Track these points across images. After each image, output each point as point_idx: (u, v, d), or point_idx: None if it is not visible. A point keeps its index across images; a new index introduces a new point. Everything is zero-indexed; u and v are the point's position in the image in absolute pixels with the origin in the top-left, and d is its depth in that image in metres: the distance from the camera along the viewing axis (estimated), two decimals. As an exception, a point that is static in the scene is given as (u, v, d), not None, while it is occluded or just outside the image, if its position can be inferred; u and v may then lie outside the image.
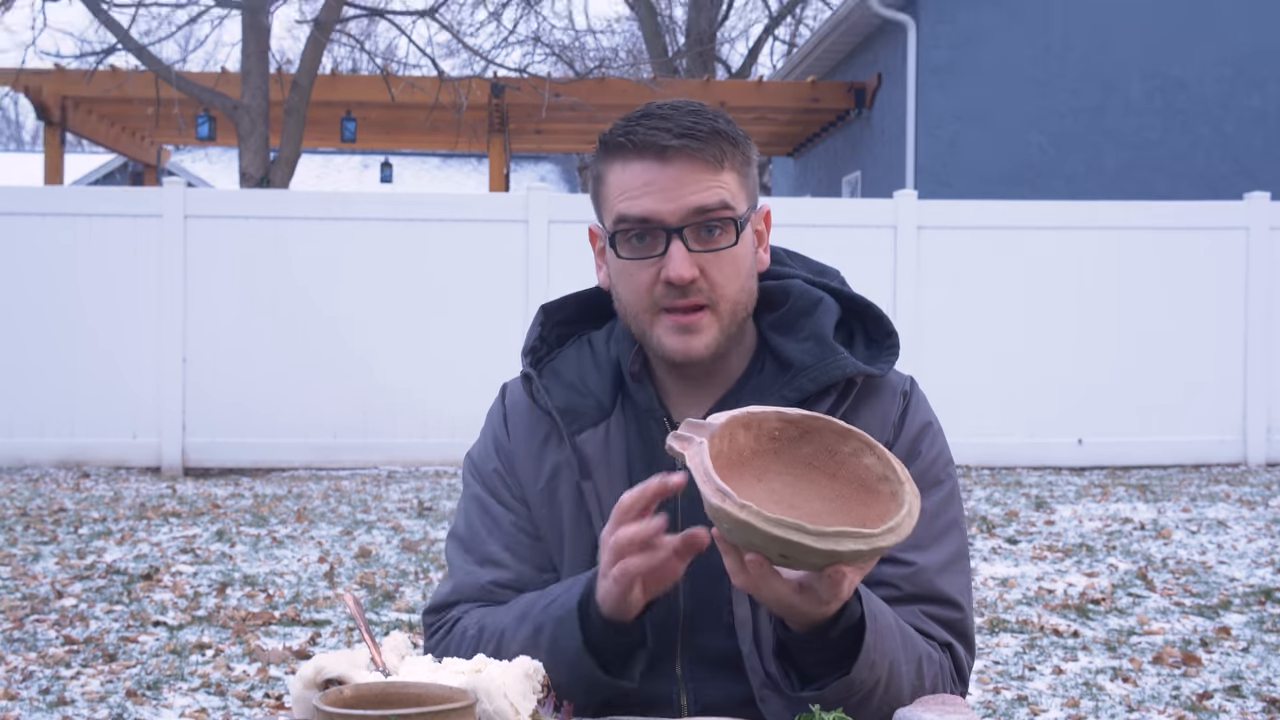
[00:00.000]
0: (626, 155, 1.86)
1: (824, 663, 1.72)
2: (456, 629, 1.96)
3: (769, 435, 1.66)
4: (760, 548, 1.53)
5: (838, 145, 19.88)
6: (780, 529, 1.49)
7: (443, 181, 32.87)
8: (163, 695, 5.11)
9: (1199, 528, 8.51)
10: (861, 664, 1.69)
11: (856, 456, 1.64)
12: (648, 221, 1.84)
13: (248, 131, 13.98)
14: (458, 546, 2.02)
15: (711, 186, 1.84)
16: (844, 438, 1.65)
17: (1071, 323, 11.60)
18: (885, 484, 1.61)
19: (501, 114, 17.99)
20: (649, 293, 1.87)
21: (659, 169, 1.83)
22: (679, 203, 1.83)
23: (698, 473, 1.55)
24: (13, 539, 8.01)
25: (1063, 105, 16.00)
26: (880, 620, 1.73)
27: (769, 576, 1.59)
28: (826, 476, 1.65)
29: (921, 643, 1.84)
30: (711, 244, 1.85)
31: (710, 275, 1.86)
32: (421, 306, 11.34)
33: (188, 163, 30.87)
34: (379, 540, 8.12)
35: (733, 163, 1.86)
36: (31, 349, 11.05)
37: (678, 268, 1.83)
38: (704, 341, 1.88)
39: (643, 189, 1.84)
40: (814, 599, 1.62)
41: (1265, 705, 5.07)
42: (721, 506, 1.51)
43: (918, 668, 1.80)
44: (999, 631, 6.11)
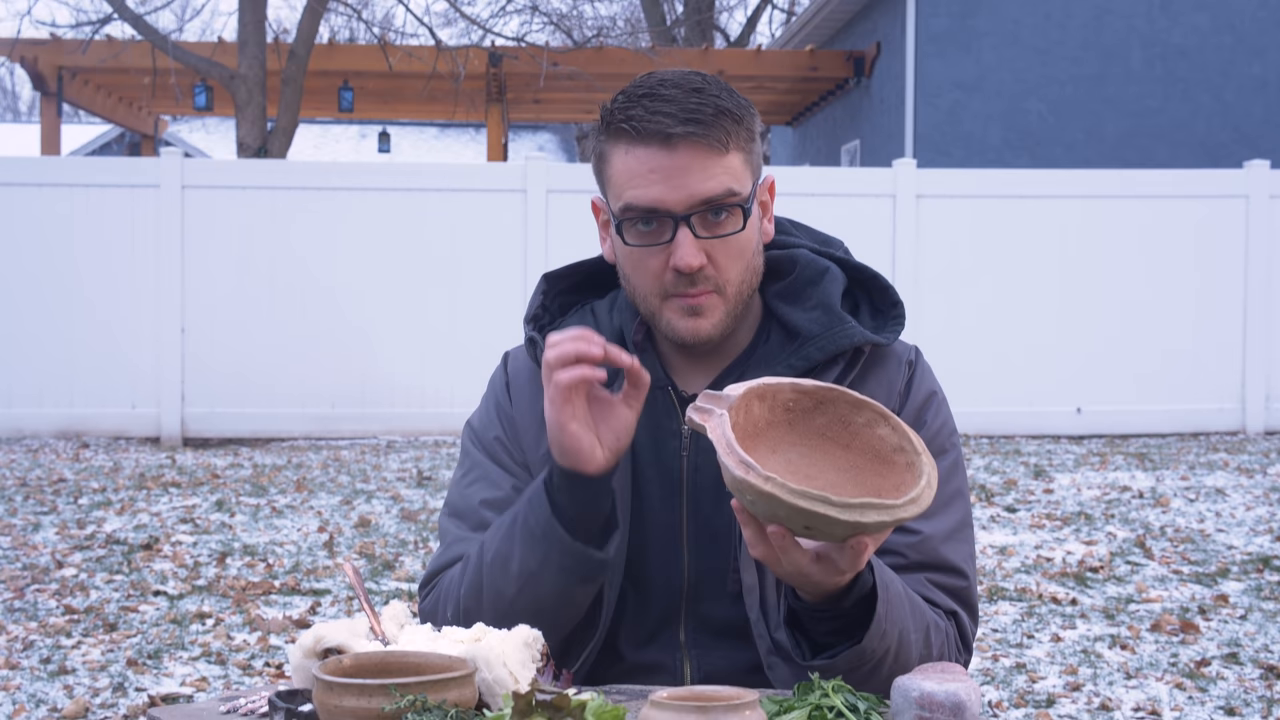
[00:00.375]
0: (630, 140, 1.84)
1: (836, 632, 1.73)
2: (444, 580, 1.97)
3: (783, 406, 1.66)
4: (784, 519, 1.53)
5: (837, 114, 19.83)
6: (805, 501, 1.49)
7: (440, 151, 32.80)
8: (163, 664, 5.12)
9: (1197, 496, 8.53)
10: (873, 633, 1.70)
11: (871, 427, 1.64)
12: (655, 210, 1.84)
13: (245, 101, 13.94)
14: (453, 517, 2.02)
15: (717, 173, 1.82)
16: (858, 408, 1.65)
17: (1070, 291, 11.58)
18: (900, 454, 1.61)
19: (499, 83, 17.94)
20: (658, 279, 1.87)
21: (664, 156, 1.82)
22: (685, 190, 1.82)
23: (720, 444, 1.55)
24: (13, 509, 8.02)
25: (1063, 73, 15.95)
26: (891, 589, 1.74)
27: (790, 548, 1.59)
28: (840, 447, 1.65)
29: (929, 611, 1.85)
30: (719, 229, 1.85)
31: (717, 260, 1.86)
32: (420, 276, 11.32)
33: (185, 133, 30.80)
34: (378, 510, 8.13)
35: (737, 141, 1.85)
36: (30, 320, 11.04)
37: (686, 256, 1.83)
38: (711, 322, 1.88)
39: (648, 176, 1.83)
40: (831, 569, 1.62)
41: (1263, 672, 5.09)
42: (745, 479, 1.50)
43: (926, 636, 1.81)
44: (998, 599, 6.13)
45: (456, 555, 1.97)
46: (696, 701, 1.36)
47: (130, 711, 4.59)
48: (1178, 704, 4.75)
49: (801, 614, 1.75)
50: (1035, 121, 15.95)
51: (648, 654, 1.93)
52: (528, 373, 2.03)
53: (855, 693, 1.55)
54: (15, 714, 4.56)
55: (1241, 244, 11.67)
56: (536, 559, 1.82)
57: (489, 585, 1.87)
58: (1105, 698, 4.81)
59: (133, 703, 4.68)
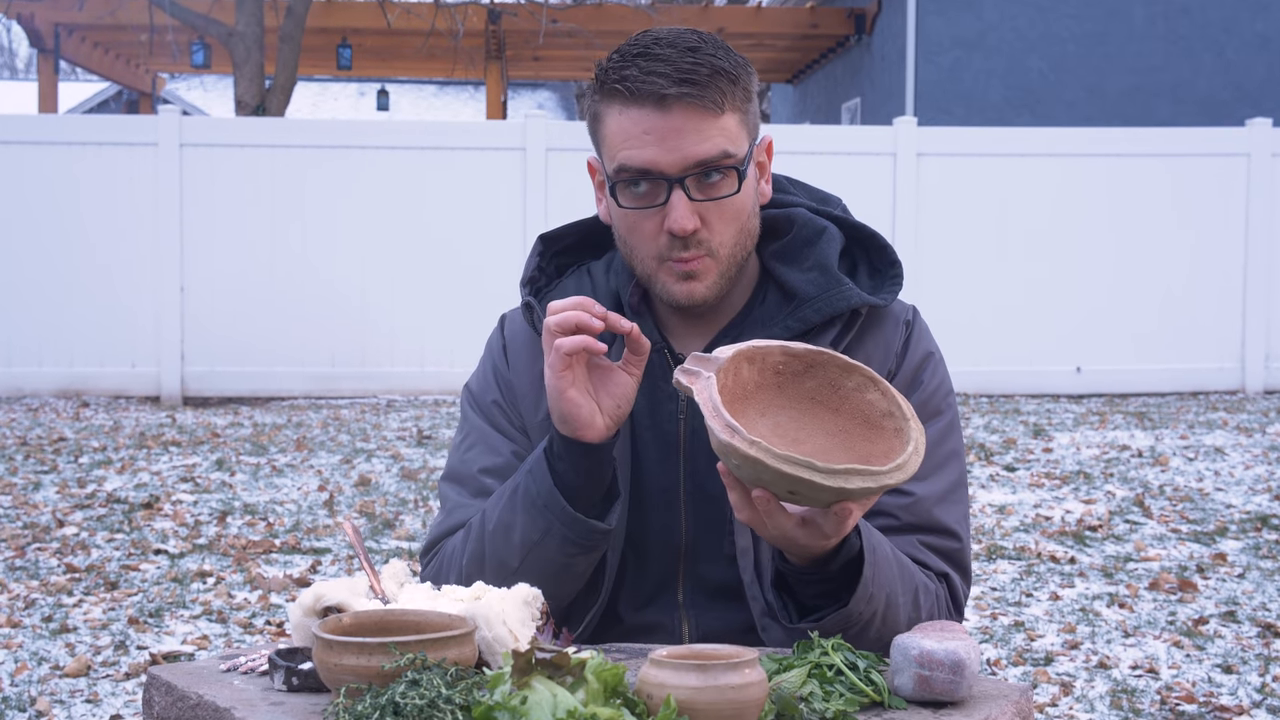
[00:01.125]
0: (624, 100, 1.82)
1: (822, 595, 1.74)
2: (446, 547, 1.97)
3: (773, 369, 1.65)
4: (768, 484, 1.53)
5: (837, 72, 19.75)
6: (789, 466, 1.49)
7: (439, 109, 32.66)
8: (164, 622, 5.14)
9: (1196, 455, 8.54)
10: (859, 596, 1.70)
11: (860, 392, 1.64)
12: (648, 172, 1.82)
13: (243, 59, 13.87)
14: (452, 482, 2.02)
15: (712, 135, 1.80)
16: (848, 372, 1.65)
17: (1070, 250, 11.56)
18: (889, 420, 1.61)
19: (498, 40, 17.86)
20: (653, 242, 1.85)
21: (659, 117, 1.80)
22: (680, 153, 1.80)
23: (706, 408, 1.54)
24: (13, 468, 8.03)
25: (1064, 30, 15.88)
26: (879, 553, 1.74)
27: (775, 512, 1.59)
28: (830, 411, 1.65)
29: (918, 574, 1.85)
30: (713, 191, 1.83)
31: (711, 223, 1.84)
32: (419, 234, 11.30)
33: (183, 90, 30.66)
34: (378, 469, 8.14)
35: (733, 102, 1.83)
36: (29, 279, 11.02)
37: (680, 219, 1.81)
38: (705, 285, 1.87)
39: (642, 138, 1.81)
40: (817, 533, 1.62)
41: (1260, 630, 5.11)
42: (730, 442, 1.50)
43: (914, 599, 1.81)
44: (996, 558, 6.15)
45: (457, 521, 1.97)
46: (696, 660, 1.36)
47: (132, 669, 4.61)
48: (1175, 662, 4.77)
49: (789, 576, 1.75)
50: (1036, 79, 15.89)
51: (647, 615, 1.94)
52: (524, 336, 2.02)
53: (855, 651, 1.56)
54: (17, 672, 4.58)
55: (1242, 203, 11.64)
56: (538, 529, 1.82)
57: (491, 554, 1.87)
58: (1103, 656, 4.83)
59: (134, 661, 4.70)
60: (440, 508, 2.03)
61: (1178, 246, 11.61)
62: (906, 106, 15.81)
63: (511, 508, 1.85)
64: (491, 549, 1.87)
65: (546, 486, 1.81)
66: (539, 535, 1.82)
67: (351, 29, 17.80)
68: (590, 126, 1.90)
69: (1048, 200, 11.56)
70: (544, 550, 1.82)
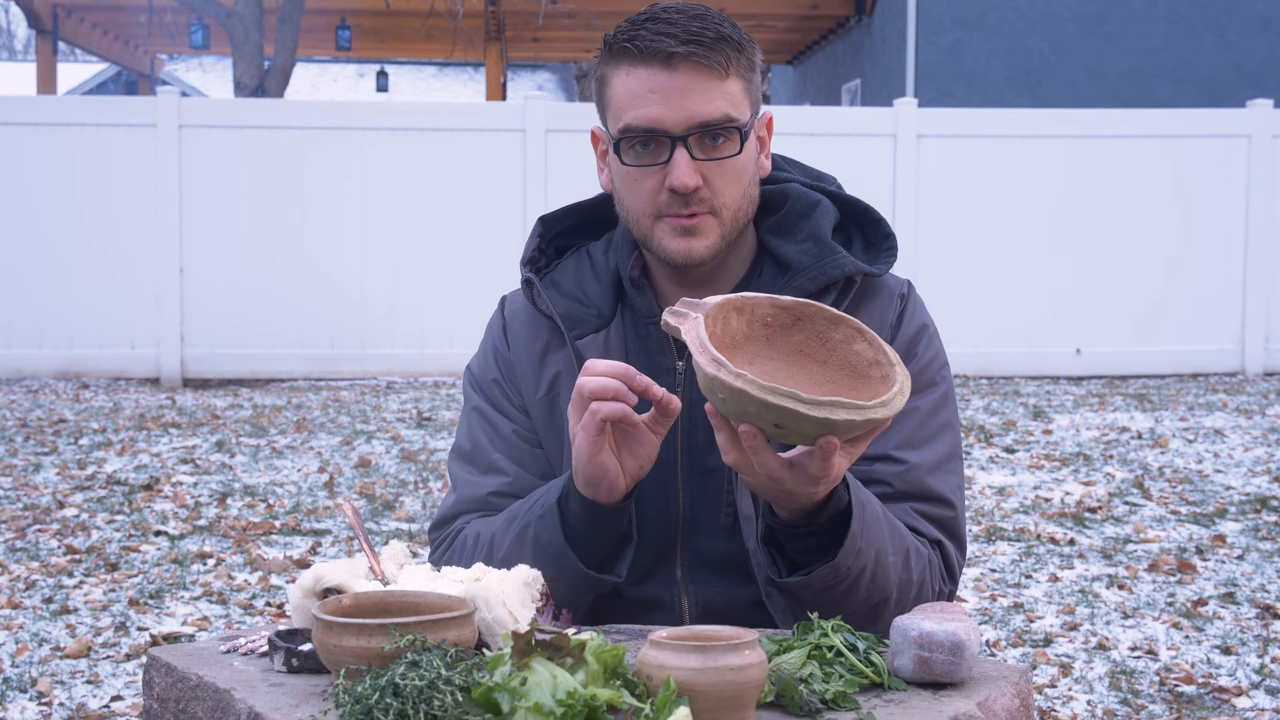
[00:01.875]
0: (632, 60, 1.85)
1: (811, 549, 1.75)
2: (458, 540, 1.98)
3: (761, 321, 1.66)
4: (754, 416, 1.54)
5: (837, 53, 19.71)
6: (775, 396, 1.50)
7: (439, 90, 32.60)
8: (165, 604, 5.15)
9: (1196, 437, 8.54)
10: (847, 550, 1.70)
11: (848, 343, 1.65)
12: (653, 130, 1.84)
13: (241, 40, 13.84)
14: (459, 460, 2.03)
15: (716, 96, 1.83)
16: (835, 324, 1.66)
17: (1070, 232, 11.55)
18: (876, 368, 1.62)
19: (498, 21, 17.82)
20: (653, 199, 1.87)
21: (665, 76, 1.83)
22: (684, 111, 1.83)
23: (693, 345, 1.55)
24: (13, 450, 8.03)
25: (1065, 11, 15.84)
26: (868, 509, 1.75)
27: (761, 450, 1.59)
28: (817, 363, 1.66)
29: (910, 536, 1.86)
30: (715, 152, 1.85)
31: (713, 183, 1.86)
32: (418, 216, 11.28)
33: (181, 72, 30.60)
34: (378, 450, 8.14)
35: (738, 69, 1.86)
36: (28, 260, 11.01)
37: (682, 176, 1.83)
38: (704, 244, 1.88)
39: (648, 96, 1.83)
40: (804, 476, 1.62)
41: (1259, 611, 5.12)
42: (716, 375, 1.51)
43: (905, 559, 1.82)
44: (996, 540, 6.15)
45: (467, 498, 1.99)
46: (696, 641, 1.36)
47: (132, 650, 4.62)
48: (1174, 643, 4.78)
49: (778, 531, 1.76)
50: (1037, 60, 15.85)
51: (645, 590, 1.94)
52: (525, 315, 2.04)
53: (855, 632, 1.56)
54: (18, 653, 4.59)
55: (1243, 184, 11.63)
56: (547, 574, 1.81)
57: None
58: (1102, 637, 4.84)
59: (135, 642, 4.71)
60: (451, 485, 2.04)
61: (1178, 228, 11.60)
62: (907, 88, 15.78)
63: (520, 546, 1.85)
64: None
65: (558, 540, 1.81)
66: (550, 578, 1.81)
67: (350, 10, 17.76)
68: (596, 91, 1.92)
69: (1048, 181, 11.55)
70: (555, 586, 1.83)
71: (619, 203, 1.94)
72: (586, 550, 1.81)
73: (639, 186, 1.88)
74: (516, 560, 1.83)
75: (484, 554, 1.90)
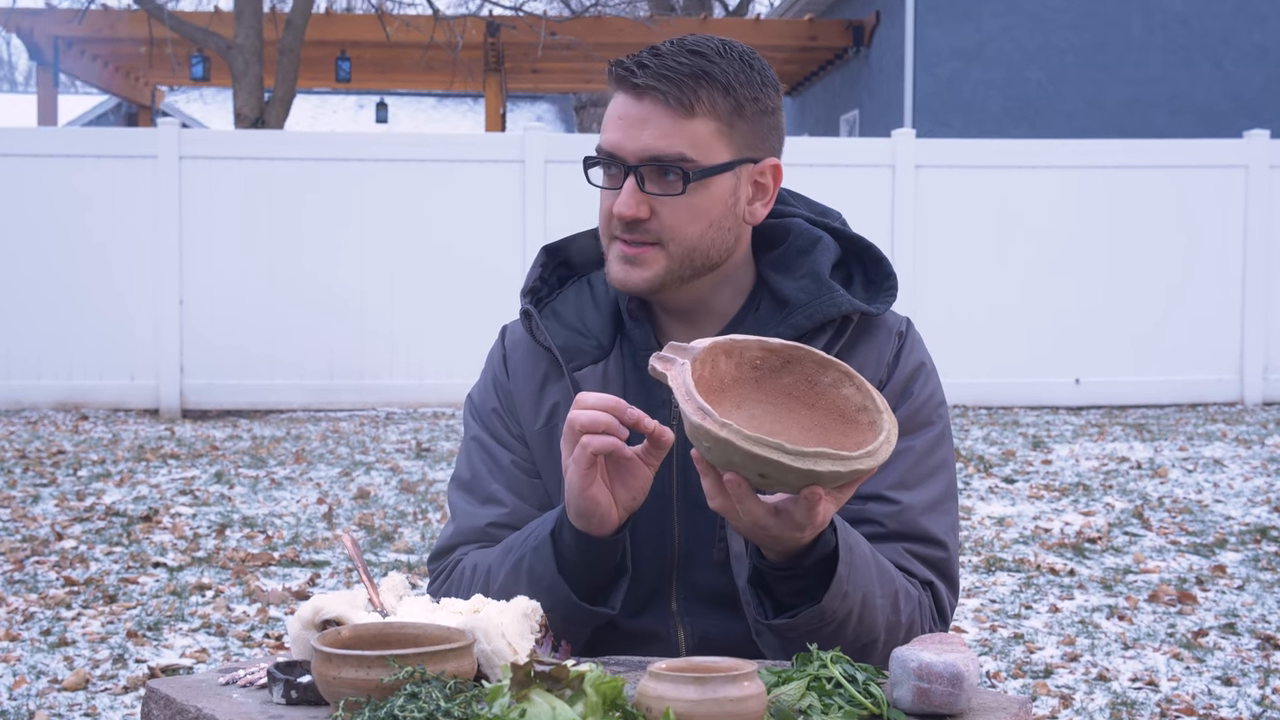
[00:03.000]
0: (613, 86, 1.89)
1: (797, 592, 1.74)
2: (456, 571, 1.98)
3: (750, 364, 1.67)
4: (739, 466, 1.54)
5: (835, 84, 19.77)
6: (759, 447, 1.50)
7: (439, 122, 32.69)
8: (163, 635, 5.13)
9: (1195, 466, 8.54)
10: (833, 593, 1.70)
11: (836, 387, 1.65)
12: (612, 155, 1.87)
13: (242, 71, 13.89)
14: (459, 490, 2.03)
15: (673, 133, 1.83)
16: (824, 368, 1.66)
17: (1069, 262, 11.57)
18: (864, 414, 1.62)
19: (497, 53, 17.89)
20: (607, 221, 1.90)
21: (632, 104, 1.85)
22: (639, 142, 1.84)
23: (679, 391, 1.56)
24: (12, 481, 8.03)
25: (1063, 41, 15.90)
26: (855, 553, 1.74)
27: (746, 498, 1.59)
28: (806, 406, 1.66)
29: (900, 578, 1.85)
30: (667, 187, 1.86)
31: (663, 216, 1.86)
32: (418, 247, 11.30)
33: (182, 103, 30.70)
34: (377, 481, 8.14)
35: (711, 110, 1.84)
36: (28, 291, 11.02)
37: (621, 204, 1.86)
38: (644, 275, 1.88)
39: (616, 122, 1.87)
40: (789, 523, 1.62)
41: (1260, 642, 5.11)
42: (702, 424, 1.52)
43: (894, 601, 1.81)
44: (996, 570, 6.14)
45: (466, 528, 1.99)
46: (695, 672, 1.36)
47: (130, 683, 4.60)
48: (1175, 674, 4.77)
49: (765, 572, 1.76)
50: (1035, 90, 15.91)
51: (641, 622, 1.94)
52: (525, 345, 2.04)
53: (854, 663, 1.56)
54: (16, 685, 4.57)
55: (1241, 215, 11.65)
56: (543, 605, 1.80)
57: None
58: (1103, 668, 4.83)
59: (133, 674, 4.69)
60: (450, 515, 2.04)
61: (1176, 258, 11.62)
62: (905, 118, 15.83)
63: (515, 578, 1.85)
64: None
65: (551, 572, 1.81)
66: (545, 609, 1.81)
67: (351, 41, 17.82)
68: None
69: (1046, 212, 11.57)
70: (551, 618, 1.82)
71: None
72: (580, 582, 1.81)
73: (602, 207, 1.92)
74: (512, 592, 1.83)
75: (480, 585, 1.90)
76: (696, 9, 25.13)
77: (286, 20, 14.56)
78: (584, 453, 1.71)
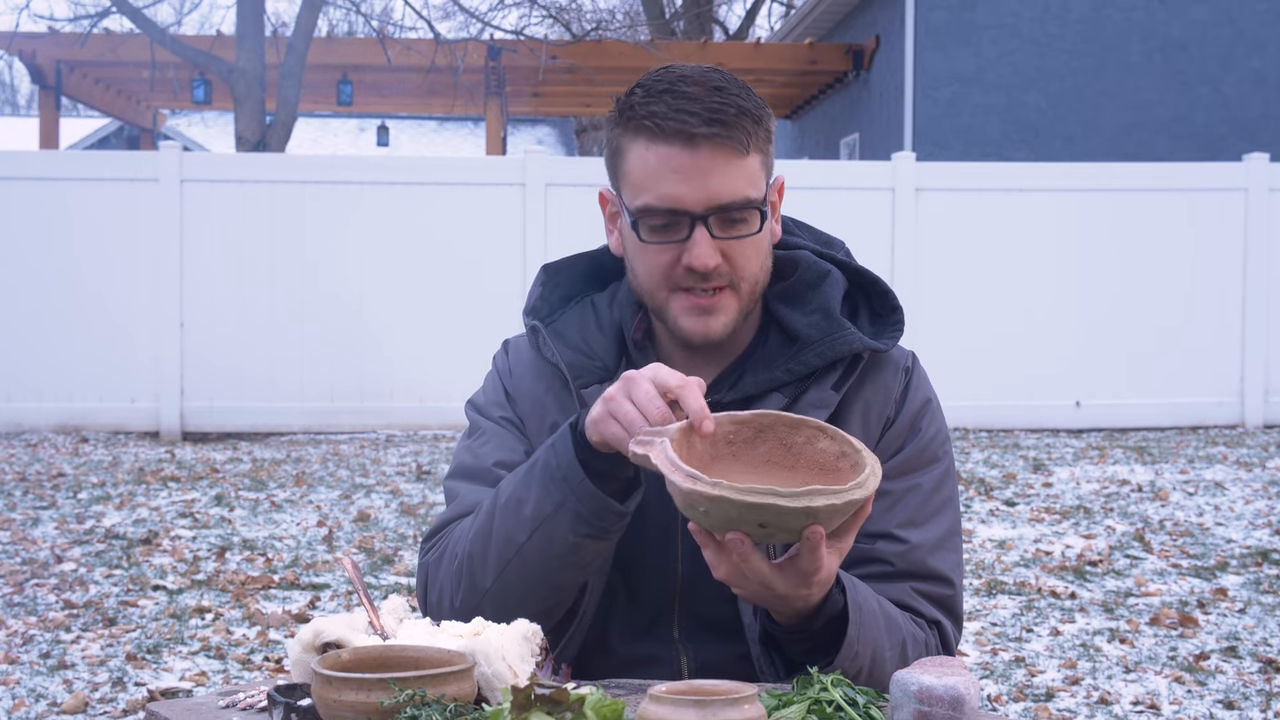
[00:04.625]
0: (651, 136, 1.82)
1: (809, 651, 1.75)
2: (453, 532, 1.95)
3: (724, 440, 1.68)
4: (738, 521, 1.55)
5: (835, 108, 19.82)
6: (754, 496, 1.51)
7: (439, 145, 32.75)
8: (163, 659, 5.12)
9: (1196, 489, 8.53)
10: (844, 654, 1.71)
11: (811, 443, 1.67)
12: (674, 210, 1.82)
13: (243, 95, 13.92)
14: (462, 477, 2.00)
15: (736, 176, 1.81)
16: (796, 429, 1.67)
17: (1069, 285, 11.58)
18: (844, 459, 1.64)
19: (498, 76, 17.92)
20: (669, 274, 1.86)
21: (687, 156, 1.81)
22: (705, 191, 1.81)
23: (664, 467, 1.56)
24: (12, 504, 8.02)
25: (1062, 66, 15.94)
26: (864, 611, 1.75)
27: (750, 555, 1.59)
28: (786, 470, 1.68)
29: (907, 625, 1.85)
30: (735, 231, 1.84)
31: (733, 259, 1.85)
32: (419, 270, 11.31)
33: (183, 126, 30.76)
34: (378, 504, 8.13)
35: (757, 143, 1.84)
36: (29, 314, 11.03)
37: (702, 256, 1.82)
38: (722, 322, 1.88)
39: (669, 176, 1.81)
40: (795, 577, 1.63)
41: (1261, 666, 5.10)
42: (694, 489, 1.52)
43: (901, 651, 1.82)
44: (996, 593, 6.13)
45: (468, 506, 1.95)
46: (695, 696, 1.36)
47: (129, 706, 4.59)
48: (1177, 698, 4.76)
49: (776, 635, 1.77)
50: (1034, 114, 15.94)
51: (642, 647, 1.94)
52: (528, 362, 2.03)
53: (854, 686, 1.56)
54: (15, 708, 4.56)
55: (1240, 238, 11.66)
56: (552, 502, 1.79)
57: (499, 529, 1.84)
58: (1104, 691, 4.81)
59: (132, 697, 4.68)
60: (448, 502, 2.01)
61: (1176, 281, 11.63)
62: (905, 142, 15.86)
63: (528, 482, 1.82)
64: (500, 522, 1.84)
65: (569, 459, 1.78)
66: (552, 509, 1.79)
67: (352, 65, 17.86)
68: (609, 159, 1.90)
69: (1046, 234, 11.59)
70: (554, 526, 1.79)
71: (632, 273, 1.93)
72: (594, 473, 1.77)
73: (655, 260, 1.86)
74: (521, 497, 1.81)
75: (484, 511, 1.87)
76: (697, 33, 25.20)
77: (288, 44, 14.61)
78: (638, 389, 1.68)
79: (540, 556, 1.80)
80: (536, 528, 1.81)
